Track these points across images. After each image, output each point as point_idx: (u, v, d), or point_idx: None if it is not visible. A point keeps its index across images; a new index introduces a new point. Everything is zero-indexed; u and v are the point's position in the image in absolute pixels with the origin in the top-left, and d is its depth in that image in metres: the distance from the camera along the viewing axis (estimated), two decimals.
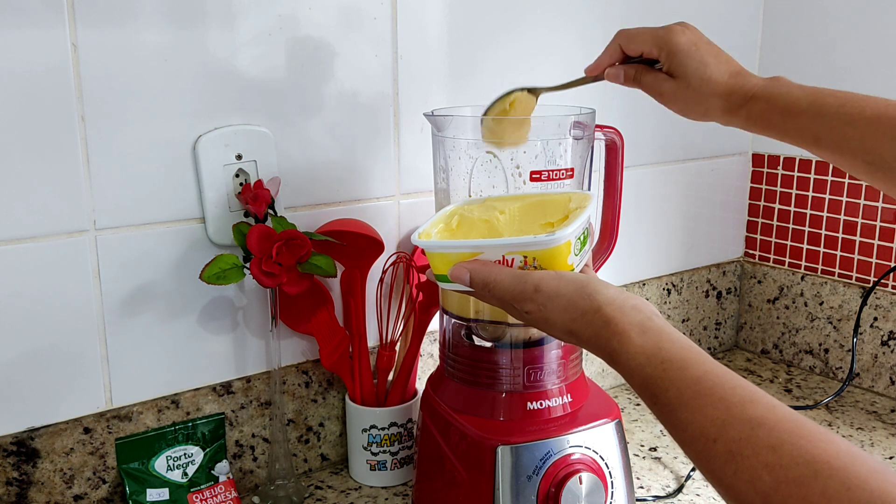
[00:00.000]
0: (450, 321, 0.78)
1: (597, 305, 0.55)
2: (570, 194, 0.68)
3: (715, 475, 0.45)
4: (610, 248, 0.86)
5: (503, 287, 0.59)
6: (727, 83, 0.69)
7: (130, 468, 0.79)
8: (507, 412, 0.74)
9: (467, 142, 0.74)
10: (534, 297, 0.57)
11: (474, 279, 0.60)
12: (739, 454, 0.43)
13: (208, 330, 0.83)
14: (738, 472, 0.43)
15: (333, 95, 0.86)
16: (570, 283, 0.57)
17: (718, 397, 0.46)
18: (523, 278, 0.58)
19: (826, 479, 0.40)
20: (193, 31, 0.76)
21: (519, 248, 0.60)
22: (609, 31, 1.05)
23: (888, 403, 1.13)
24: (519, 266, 0.60)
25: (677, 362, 0.50)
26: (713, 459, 0.45)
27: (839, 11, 1.14)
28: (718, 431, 0.45)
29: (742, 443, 0.44)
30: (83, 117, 0.72)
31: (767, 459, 0.42)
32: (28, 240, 0.72)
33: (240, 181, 0.81)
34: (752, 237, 1.30)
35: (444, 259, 0.62)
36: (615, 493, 0.74)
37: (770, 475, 0.42)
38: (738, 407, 0.45)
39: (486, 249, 0.61)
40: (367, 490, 0.90)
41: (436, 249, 0.63)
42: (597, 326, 0.54)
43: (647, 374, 0.51)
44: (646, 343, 0.52)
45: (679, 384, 0.49)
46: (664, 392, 0.49)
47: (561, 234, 0.59)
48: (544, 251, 0.59)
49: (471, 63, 0.95)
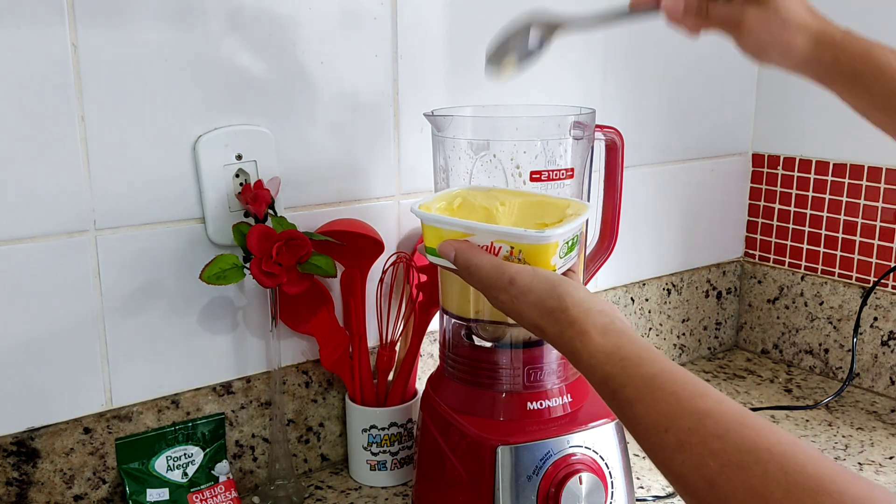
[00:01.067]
0: (450, 321, 0.78)
1: (564, 306, 0.57)
2: (570, 201, 0.69)
3: (665, 464, 0.48)
4: (610, 248, 0.86)
5: (482, 273, 0.61)
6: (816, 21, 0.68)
7: (130, 468, 0.79)
8: (507, 412, 0.74)
9: (467, 142, 0.74)
10: (507, 288, 0.60)
11: (458, 259, 0.63)
12: (688, 443, 0.46)
13: (208, 330, 0.83)
14: (685, 460, 0.46)
15: (333, 95, 0.86)
16: (542, 282, 0.59)
17: (671, 392, 0.49)
18: (501, 269, 0.61)
19: (766, 463, 0.42)
20: (193, 31, 0.76)
21: (508, 238, 0.62)
22: (609, 32, 1.05)
23: (888, 403, 1.13)
24: (504, 255, 0.62)
25: (635, 360, 0.52)
26: (664, 449, 0.47)
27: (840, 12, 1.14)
28: (670, 423, 0.48)
29: (691, 432, 0.46)
30: (83, 117, 0.72)
31: (713, 447, 0.45)
32: (28, 240, 0.72)
33: (240, 181, 0.81)
34: (752, 237, 1.30)
35: (437, 233, 0.65)
36: (615, 493, 0.74)
37: (715, 461, 0.44)
38: (689, 400, 0.48)
39: (477, 232, 0.63)
40: (367, 490, 0.90)
41: (430, 222, 0.65)
42: (562, 325, 0.57)
43: (606, 371, 0.53)
44: (606, 343, 0.54)
45: (635, 380, 0.51)
46: (622, 388, 0.52)
47: (550, 233, 0.61)
48: (531, 246, 0.61)
49: (471, 63, 0.95)
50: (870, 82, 0.65)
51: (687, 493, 0.46)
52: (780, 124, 1.23)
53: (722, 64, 1.18)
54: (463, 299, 0.75)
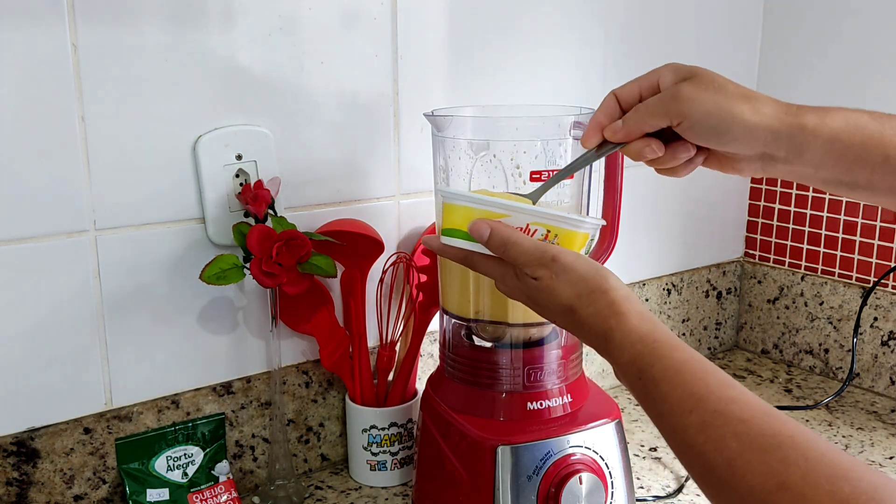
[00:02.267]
0: (450, 321, 0.78)
1: (606, 287, 0.58)
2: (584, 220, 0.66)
3: (686, 444, 0.48)
4: (610, 248, 0.86)
5: (522, 249, 0.61)
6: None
7: (130, 468, 0.79)
8: (507, 412, 0.74)
9: (467, 142, 0.74)
10: (550, 264, 0.60)
11: (494, 235, 0.62)
12: (712, 424, 0.47)
13: (208, 330, 0.83)
14: (707, 440, 0.47)
15: (333, 95, 0.86)
16: (587, 262, 0.60)
17: (700, 378, 0.50)
18: (544, 247, 0.61)
19: (788, 449, 0.43)
20: (193, 31, 0.76)
21: (547, 221, 0.62)
22: (610, 30, 1.05)
23: (888, 403, 1.13)
24: (539, 238, 0.62)
25: (668, 343, 0.53)
26: (687, 429, 0.48)
27: (840, 13, 1.14)
28: (696, 403, 0.49)
29: (716, 414, 0.47)
30: (83, 117, 0.72)
31: (737, 429, 0.46)
32: (28, 240, 0.72)
33: (240, 181, 0.81)
34: (752, 237, 1.30)
35: (466, 213, 0.63)
36: (615, 493, 0.74)
37: (737, 442, 0.45)
38: (717, 387, 0.49)
39: (515, 213, 0.63)
40: (367, 490, 0.90)
41: (464, 201, 0.64)
42: (600, 305, 0.58)
43: (636, 350, 0.54)
44: (642, 326, 0.55)
45: (665, 361, 0.52)
46: (650, 367, 0.53)
47: (591, 222, 0.62)
48: (569, 232, 0.62)
49: (471, 63, 0.95)
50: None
51: (706, 470, 0.47)
52: None
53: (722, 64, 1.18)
54: (463, 299, 0.75)
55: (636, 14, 1.07)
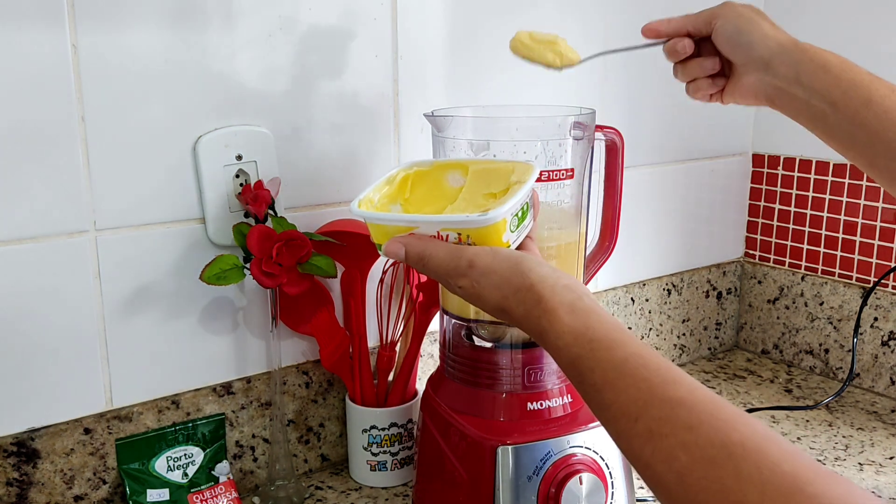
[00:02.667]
0: (450, 321, 0.78)
1: (529, 283, 0.55)
2: (514, 164, 0.66)
3: (635, 454, 0.46)
4: (610, 248, 0.86)
5: (438, 261, 0.59)
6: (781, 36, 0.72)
7: (131, 469, 0.79)
8: (507, 412, 0.74)
9: (467, 142, 0.74)
10: (468, 272, 0.57)
11: (409, 253, 0.60)
12: (659, 433, 0.44)
13: (208, 330, 0.83)
14: (655, 452, 0.44)
15: (333, 96, 0.86)
16: (504, 260, 0.57)
17: (642, 378, 0.47)
18: (458, 253, 0.58)
19: (739, 460, 0.41)
20: (194, 32, 0.76)
21: (452, 226, 0.60)
22: (609, 30, 1.05)
23: (888, 403, 1.13)
24: (454, 242, 0.60)
25: (604, 342, 0.50)
26: (633, 439, 0.46)
27: (839, 12, 1.14)
28: (640, 411, 0.46)
29: (662, 422, 0.45)
30: (83, 117, 0.72)
31: (685, 439, 0.43)
32: (28, 240, 0.72)
33: (240, 182, 0.81)
34: (752, 237, 1.30)
35: (382, 230, 0.62)
36: (615, 493, 0.74)
37: (686, 455, 0.43)
38: (661, 387, 0.46)
39: (421, 224, 0.61)
40: (367, 490, 0.90)
41: (372, 220, 0.63)
42: (528, 305, 0.55)
43: (574, 353, 0.51)
44: (574, 322, 0.52)
45: (605, 365, 0.49)
46: (590, 372, 0.50)
47: (494, 214, 0.58)
48: (478, 229, 0.59)
49: (471, 63, 0.95)
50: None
51: (656, 484, 0.44)
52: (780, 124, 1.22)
53: None
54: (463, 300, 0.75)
55: (636, 13, 1.07)
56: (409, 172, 0.69)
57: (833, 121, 0.66)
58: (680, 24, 0.74)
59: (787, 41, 0.69)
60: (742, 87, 0.74)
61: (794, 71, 0.68)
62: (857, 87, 0.65)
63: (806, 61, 0.68)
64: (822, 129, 0.68)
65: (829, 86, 0.66)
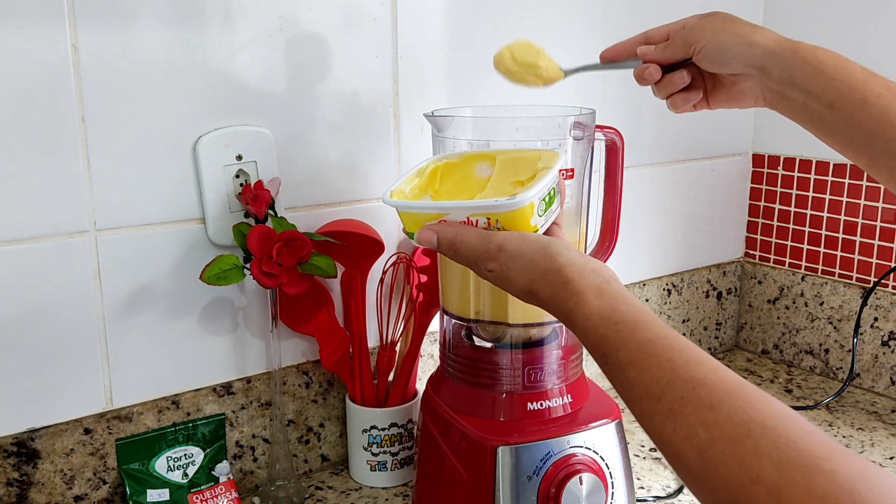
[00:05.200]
0: (450, 322, 0.78)
1: (557, 266, 0.56)
2: (541, 152, 0.68)
3: (656, 431, 0.47)
4: (610, 248, 0.86)
5: (469, 246, 0.60)
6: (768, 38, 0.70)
7: (131, 469, 0.79)
8: (507, 412, 0.74)
9: (467, 142, 0.74)
10: (497, 255, 0.59)
11: (441, 240, 0.62)
12: (680, 412, 0.46)
13: (208, 330, 0.83)
14: (677, 429, 0.45)
15: (333, 96, 0.86)
16: (532, 244, 0.58)
17: (665, 358, 0.48)
18: (488, 238, 0.60)
19: (758, 437, 0.42)
20: (194, 32, 0.76)
21: (482, 211, 0.61)
22: (609, 31, 1.05)
23: (888, 404, 1.13)
24: (483, 227, 0.62)
25: (630, 324, 0.52)
26: (656, 417, 0.47)
27: (839, 11, 1.14)
28: (662, 390, 0.47)
29: (683, 401, 0.46)
30: (83, 117, 0.72)
31: (705, 417, 0.44)
32: (28, 240, 0.72)
33: (240, 182, 0.81)
34: (753, 237, 1.30)
35: (413, 219, 0.64)
36: (615, 493, 0.74)
37: (706, 432, 0.44)
38: (683, 368, 0.47)
39: (452, 211, 0.63)
40: (367, 490, 0.90)
41: (404, 209, 0.65)
42: (556, 287, 0.56)
43: (600, 334, 0.52)
44: (601, 305, 0.54)
45: (630, 345, 0.51)
46: (615, 352, 0.51)
47: (523, 198, 0.59)
48: (507, 213, 0.60)
49: (471, 63, 0.95)
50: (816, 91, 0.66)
51: (677, 460, 0.46)
52: (780, 124, 1.23)
53: None
54: (463, 300, 0.75)
55: (636, 13, 1.07)
56: (439, 164, 0.70)
57: (830, 121, 0.66)
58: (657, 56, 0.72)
59: (774, 44, 0.67)
60: (735, 94, 0.72)
61: (788, 74, 0.66)
62: (851, 87, 0.64)
63: (799, 63, 0.66)
64: (820, 129, 0.68)
65: (824, 87, 0.65)
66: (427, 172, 0.70)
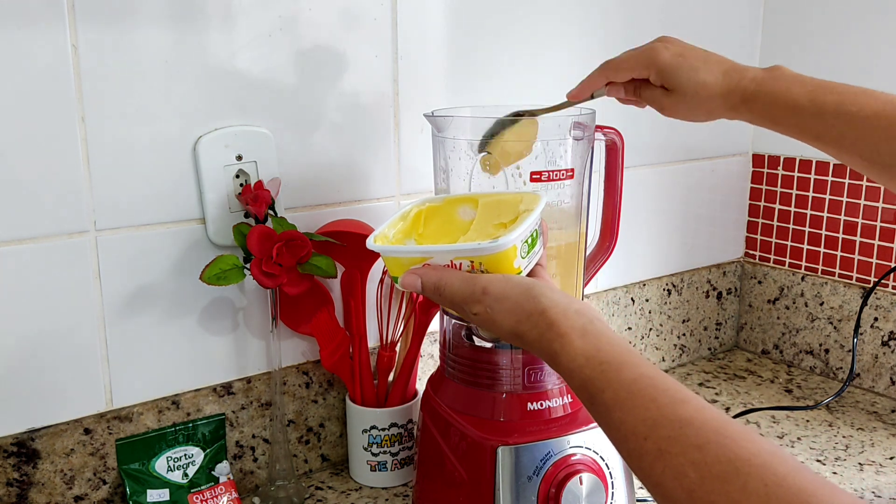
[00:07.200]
0: (450, 322, 0.78)
1: (541, 308, 0.57)
2: (522, 195, 0.69)
3: (645, 472, 0.47)
4: (610, 248, 0.86)
5: (453, 289, 0.61)
6: (722, 83, 0.70)
7: (131, 469, 0.79)
8: (507, 413, 0.74)
9: (467, 142, 0.74)
10: (482, 298, 0.59)
11: (426, 284, 0.62)
12: (668, 452, 0.46)
13: (209, 330, 0.83)
14: (665, 469, 0.45)
15: (334, 96, 0.86)
16: (516, 287, 0.59)
17: (650, 398, 0.49)
18: (472, 281, 0.60)
19: (746, 476, 0.42)
20: (194, 32, 0.76)
21: (465, 254, 0.62)
22: (609, 31, 1.05)
23: (888, 404, 1.13)
24: (467, 270, 0.62)
25: (615, 364, 0.52)
26: (644, 457, 0.47)
27: (839, 11, 1.14)
28: (649, 430, 0.47)
29: (671, 441, 0.46)
30: (83, 117, 0.72)
31: (693, 457, 0.44)
32: (28, 240, 0.72)
33: (240, 182, 0.81)
34: (753, 237, 1.30)
35: (397, 263, 0.65)
36: (615, 493, 0.74)
37: (695, 472, 0.44)
38: (669, 407, 0.48)
39: (435, 254, 0.63)
40: (367, 491, 0.90)
41: (388, 254, 0.65)
42: (541, 328, 0.56)
43: (585, 375, 0.53)
44: (586, 345, 0.54)
45: (615, 385, 0.51)
46: (601, 393, 0.51)
47: (505, 241, 0.60)
48: (490, 256, 0.61)
49: (471, 63, 0.95)
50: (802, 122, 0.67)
51: (666, 501, 0.46)
52: None
53: None
54: None
55: (636, 13, 1.07)
56: (423, 208, 0.71)
57: (821, 144, 0.68)
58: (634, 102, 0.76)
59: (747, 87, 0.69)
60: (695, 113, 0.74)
61: (769, 114, 0.68)
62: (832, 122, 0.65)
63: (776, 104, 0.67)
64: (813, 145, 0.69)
65: (805, 126, 0.66)
66: (411, 216, 0.70)
